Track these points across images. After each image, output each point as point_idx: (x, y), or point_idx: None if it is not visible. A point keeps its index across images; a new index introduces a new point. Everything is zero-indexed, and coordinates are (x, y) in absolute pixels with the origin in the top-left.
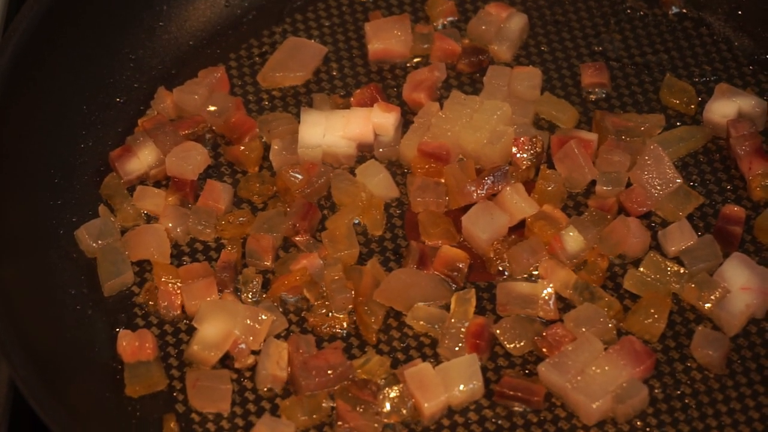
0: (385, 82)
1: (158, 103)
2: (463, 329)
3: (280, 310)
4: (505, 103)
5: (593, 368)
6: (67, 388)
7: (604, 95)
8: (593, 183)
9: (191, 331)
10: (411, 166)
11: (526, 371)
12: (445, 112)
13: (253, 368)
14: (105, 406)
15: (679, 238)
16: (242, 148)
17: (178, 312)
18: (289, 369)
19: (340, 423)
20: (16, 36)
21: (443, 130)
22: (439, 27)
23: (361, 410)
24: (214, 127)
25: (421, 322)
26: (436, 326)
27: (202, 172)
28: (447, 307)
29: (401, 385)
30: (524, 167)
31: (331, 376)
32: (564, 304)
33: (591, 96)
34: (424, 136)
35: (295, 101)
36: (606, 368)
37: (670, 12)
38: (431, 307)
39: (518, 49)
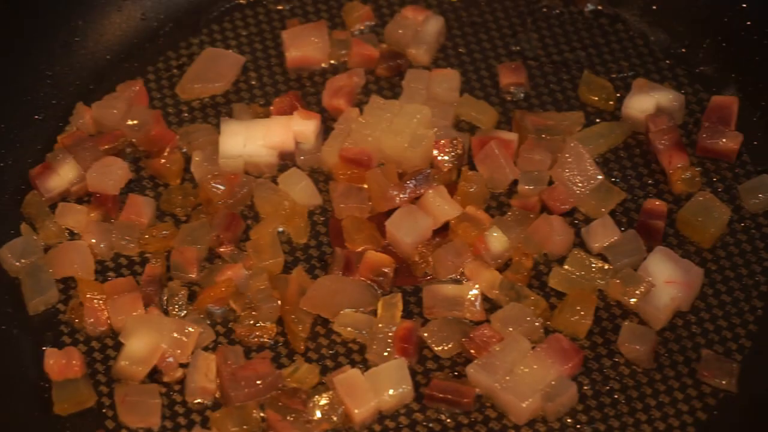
0: (304, 89)
1: (77, 119)
2: (390, 334)
3: (207, 322)
4: (425, 106)
5: (521, 367)
6: None
7: (522, 95)
8: (515, 183)
9: (118, 346)
10: (333, 173)
11: (455, 373)
12: (365, 118)
13: (182, 381)
14: (33, 426)
15: (603, 234)
16: (163, 161)
17: (105, 328)
18: (218, 380)
19: None
20: None
21: (364, 135)
22: (356, 32)
23: (291, 419)
24: (134, 141)
25: (349, 329)
26: (364, 332)
27: (124, 186)
28: (374, 313)
29: (331, 392)
30: (446, 169)
31: (261, 386)
32: (490, 304)
33: (510, 96)
34: (344, 142)
35: (215, 112)
36: (534, 367)
37: (585, 9)
38: (358, 313)
39: (436, 52)
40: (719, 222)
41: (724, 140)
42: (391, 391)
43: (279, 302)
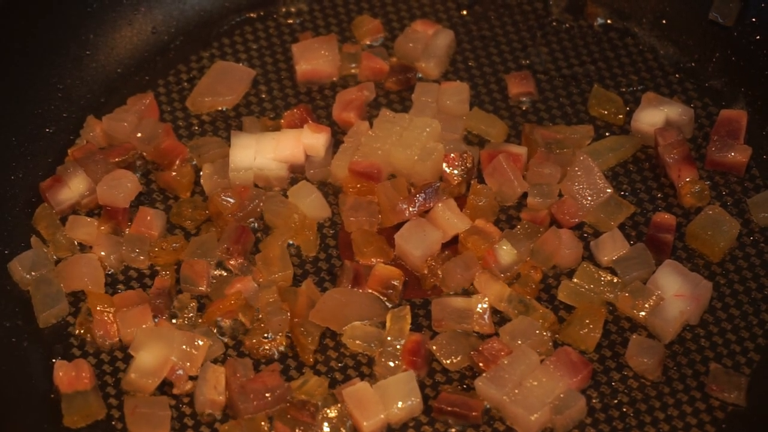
0: (314, 102)
1: (88, 132)
2: (399, 347)
3: (217, 334)
4: (435, 119)
5: (530, 380)
6: (4, 421)
7: (531, 105)
8: (525, 196)
9: (128, 359)
10: (343, 186)
11: (464, 386)
12: (374, 131)
13: (191, 394)
14: None
15: (612, 247)
16: (173, 173)
17: (114, 340)
18: (227, 393)
19: None
20: None
21: (373, 148)
22: (366, 46)
23: None
24: (144, 154)
25: (358, 341)
26: (373, 345)
27: (134, 199)
28: (383, 325)
29: (340, 405)
30: (455, 183)
31: (269, 398)
32: (499, 317)
33: (519, 106)
34: (354, 156)
35: (225, 125)
36: (543, 380)
37: (595, 23)
38: (367, 325)
39: (446, 66)
40: (728, 236)
41: (733, 154)
42: (399, 404)
43: (288, 315)
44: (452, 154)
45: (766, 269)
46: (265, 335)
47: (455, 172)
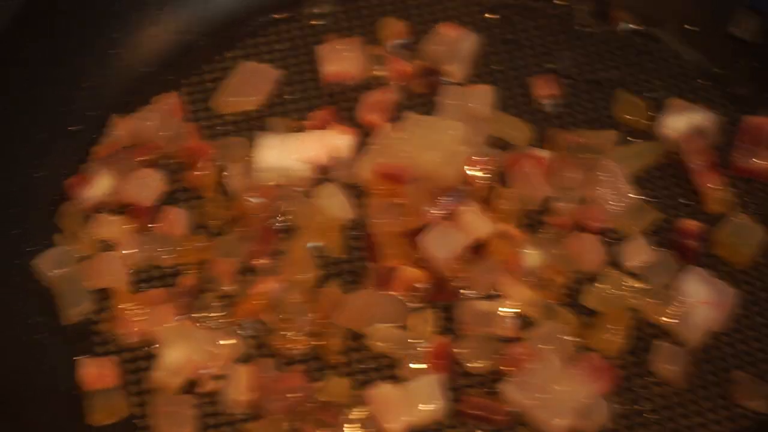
0: (339, 104)
1: (113, 130)
2: (423, 349)
3: (241, 334)
4: (459, 122)
5: (554, 385)
6: (28, 418)
7: (556, 110)
8: (550, 200)
9: (151, 357)
10: (368, 188)
11: (488, 390)
12: (399, 133)
13: (216, 393)
14: None
15: (637, 253)
16: (198, 173)
17: (138, 339)
18: (250, 393)
19: None
20: None
21: (398, 151)
22: (392, 48)
23: None
24: (169, 153)
25: (382, 343)
26: (397, 347)
27: (158, 198)
28: (406, 328)
29: (363, 407)
30: (479, 186)
31: (293, 399)
32: (523, 321)
33: (544, 110)
34: (379, 158)
35: (250, 126)
36: (567, 385)
37: (620, 28)
38: (391, 327)
39: (470, 69)
40: (754, 243)
41: (757, 160)
42: (423, 407)
43: (312, 316)
44: (477, 157)
45: None
46: (289, 336)
47: (480, 175)
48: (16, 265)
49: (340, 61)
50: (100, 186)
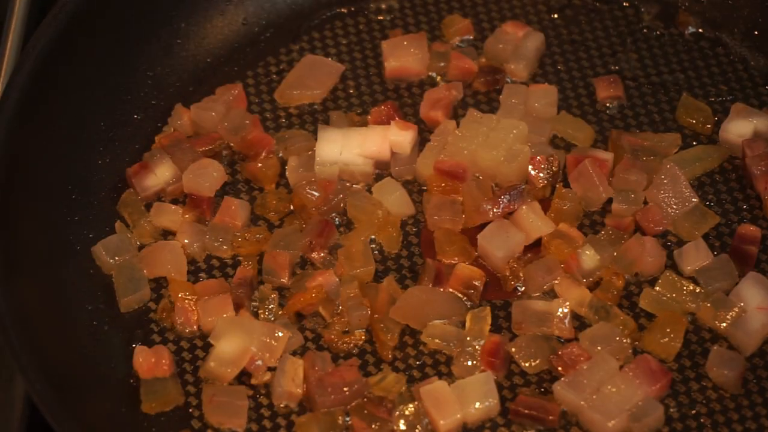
0: (402, 100)
1: (175, 120)
2: (478, 347)
3: (296, 326)
4: (522, 121)
5: (609, 387)
6: (83, 404)
7: (619, 112)
8: (610, 202)
9: (207, 347)
10: (427, 184)
11: (542, 389)
12: (461, 131)
13: (269, 385)
14: (121, 423)
15: (695, 257)
16: (259, 165)
17: (194, 328)
18: (304, 386)
19: None
20: (35, 53)
21: (459, 148)
22: (456, 45)
23: (376, 427)
24: (231, 144)
25: (437, 340)
26: (452, 344)
27: (219, 188)
28: (462, 325)
29: (417, 403)
30: (540, 186)
31: (347, 393)
32: (580, 322)
33: (607, 112)
34: (440, 155)
35: (312, 119)
36: (621, 387)
37: (686, 32)
38: (447, 324)
39: (534, 68)
40: None
41: None
42: (477, 405)
43: (368, 310)
44: (538, 157)
45: None
46: (345, 330)
47: (541, 175)
48: (78, 251)
49: (405, 57)
50: (161, 175)
